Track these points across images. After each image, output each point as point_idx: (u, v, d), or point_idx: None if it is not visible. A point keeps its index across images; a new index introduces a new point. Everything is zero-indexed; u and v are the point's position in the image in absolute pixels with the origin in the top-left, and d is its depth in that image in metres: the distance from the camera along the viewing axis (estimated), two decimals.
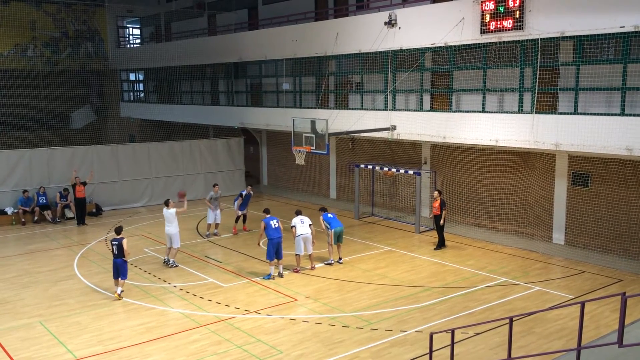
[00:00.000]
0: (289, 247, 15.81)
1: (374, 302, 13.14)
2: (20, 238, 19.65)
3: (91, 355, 10.64)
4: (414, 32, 18.54)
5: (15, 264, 16.56)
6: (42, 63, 34.35)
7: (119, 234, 13.69)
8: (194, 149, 25.95)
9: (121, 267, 13.42)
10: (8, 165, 21.70)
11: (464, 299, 13.23)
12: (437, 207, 17.25)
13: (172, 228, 15.73)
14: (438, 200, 17.30)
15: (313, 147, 18.54)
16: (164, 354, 10.65)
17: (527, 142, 16.04)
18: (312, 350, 10.72)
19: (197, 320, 12.16)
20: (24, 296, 13.86)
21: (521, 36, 15.75)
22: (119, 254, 13.37)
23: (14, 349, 10.93)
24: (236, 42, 26.43)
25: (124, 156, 24.15)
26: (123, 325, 11.98)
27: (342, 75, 22.10)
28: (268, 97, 25.64)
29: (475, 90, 17.57)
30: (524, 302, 13.00)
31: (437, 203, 17.26)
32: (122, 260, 13.41)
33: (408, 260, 16.33)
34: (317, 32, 22.27)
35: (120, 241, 13.40)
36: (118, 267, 13.41)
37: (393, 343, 10.97)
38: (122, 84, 37.73)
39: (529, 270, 15.27)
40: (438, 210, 17.20)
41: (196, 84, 30.75)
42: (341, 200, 24.53)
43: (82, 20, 35.93)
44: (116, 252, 13.40)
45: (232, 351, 10.73)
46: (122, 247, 13.35)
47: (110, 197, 23.66)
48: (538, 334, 11.26)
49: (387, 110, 19.83)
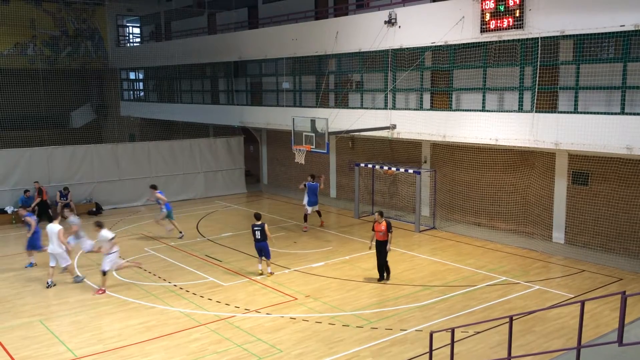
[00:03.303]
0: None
1: (374, 301, 13.16)
2: (20, 237, 19.61)
3: (91, 354, 10.65)
4: (414, 31, 18.54)
5: (16, 262, 16.56)
6: (42, 62, 34.38)
7: (259, 219, 14.95)
8: (194, 148, 25.95)
9: (265, 249, 14.86)
10: (8, 164, 21.70)
11: (464, 298, 13.24)
12: (384, 230, 14.13)
13: (55, 247, 14.35)
14: (383, 222, 14.18)
15: (313, 146, 18.54)
16: (164, 353, 10.66)
17: (527, 141, 16.04)
18: (312, 349, 10.73)
19: (197, 319, 12.17)
20: (24, 295, 13.87)
21: (521, 35, 15.75)
22: (262, 237, 14.78)
23: (15, 347, 10.94)
24: (236, 41, 26.42)
25: (124, 155, 24.16)
26: (123, 324, 11.99)
27: (342, 74, 22.11)
28: (268, 96, 25.64)
29: (475, 89, 17.57)
30: (523, 301, 13.01)
31: (383, 226, 14.14)
32: (266, 242, 14.84)
33: (408, 259, 16.34)
34: (317, 31, 22.26)
35: (262, 226, 14.77)
36: (262, 249, 14.86)
37: (393, 342, 10.98)
38: (122, 82, 37.73)
39: (528, 269, 15.28)
40: (385, 235, 14.12)
41: (196, 82, 30.75)
42: (341, 199, 24.54)
43: (82, 19, 35.94)
44: (259, 236, 14.79)
45: (232, 350, 10.74)
46: (264, 232, 14.75)
47: (110, 196, 23.66)
48: (538, 333, 11.27)
49: (387, 109, 19.84)
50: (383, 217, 14.25)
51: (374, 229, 14.26)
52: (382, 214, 14.36)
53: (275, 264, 15.88)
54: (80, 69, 35.75)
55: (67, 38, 35.34)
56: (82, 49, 35.94)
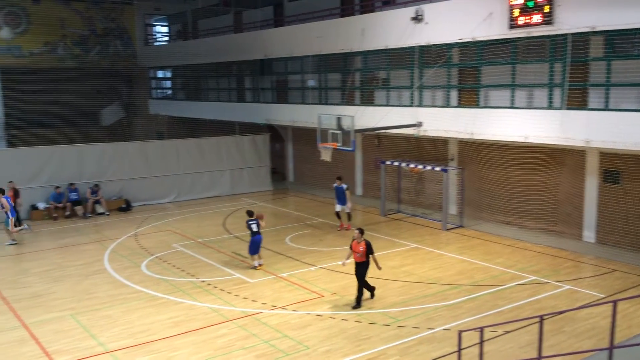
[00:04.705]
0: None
1: (400, 300, 13.11)
2: (52, 233, 20.06)
3: (122, 348, 10.83)
4: (441, 27, 18.38)
5: (48, 257, 16.92)
6: (72, 61, 34.97)
7: (252, 215, 15.47)
8: (220, 145, 26.15)
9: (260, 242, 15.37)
10: (40, 162, 22.14)
11: (492, 297, 13.10)
12: (362, 252, 12.58)
13: None
14: (362, 243, 12.62)
15: (339, 144, 18.53)
16: (192, 348, 10.78)
17: (556, 138, 15.79)
18: (339, 347, 10.74)
19: (224, 315, 12.28)
20: (56, 289, 14.15)
21: (551, 31, 15.50)
22: (258, 229, 15.27)
23: (47, 341, 11.18)
24: (262, 39, 26.53)
25: (153, 153, 24.46)
26: (153, 319, 12.15)
27: (367, 72, 22.04)
28: (294, 94, 25.69)
29: (504, 85, 17.36)
30: (553, 301, 12.83)
31: (362, 247, 12.60)
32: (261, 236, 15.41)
33: (435, 258, 16.23)
34: (342, 28, 22.22)
35: (257, 221, 15.31)
36: (259, 242, 15.28)
37: (421, 340, 10.93)
38: (150, 81, 38.19)
39: (559, 269, 15.05)
40: (363, 256, 12.59)
41: (222, 81, 30.97)
42: (367, 197, 24.49)
43: (111, 18, 36.45)
44: (256, 229, 15.22)
45: (259, 346, 10.81)
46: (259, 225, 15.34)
47: (140, 192, 23.98)
48: (568, 333, 11.10)
49: (414, 107, 19.72)
50: (363, 237, 12.64)
51: (351, 248, 12.77)
52: (362, 232, 12.70)
53: (301, 261, 15.95)
54: (110, 67, 36.29)
55: (96, 37, 35.88)
56: (111, 48, 36.46)
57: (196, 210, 23.15)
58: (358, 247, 12.56)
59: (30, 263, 16.40)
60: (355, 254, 12.62)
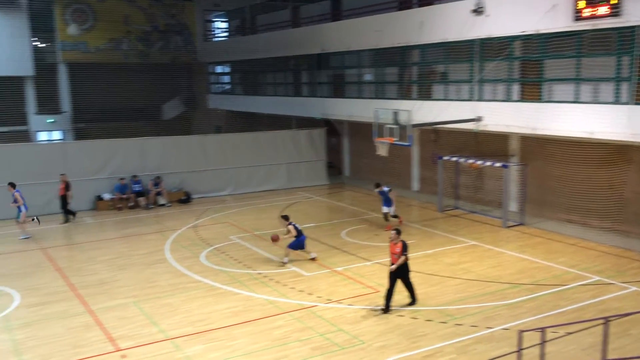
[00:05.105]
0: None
1: (458, 297, 12.92)
2: (116, 222, 20.81)
3: (182, 336, 11.13)
4: (503, 20, 17.91)
5: (113, 246, 17.57)
6: (135, 56, 36.08)
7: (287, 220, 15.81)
8: (277, 139, 26.41)
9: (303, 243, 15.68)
10: (105, 154, 22.98)
11: (554, 297, 12.73)
12: (399, 252, 12.07)
13: None
14: (399, 243, 12.11)
15: (396, 139, 18.38)
16: (249, 338, 10.97)
17: (623, 134, 15.14)
18: (395, 342, 10.69)
19: (280, 307, 12.43)
20: (120, 277, 14.68)
21: (618, 23, 14.84)
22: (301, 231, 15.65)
23: (112, 327, 11.62)
24: (319, 34, 26.59)
25: (211, 146, 24.97)
26: (211, 309, 12.44)
27: (425, 66, 21.74)
28: (350, 88, 25.64)
29: (568, 79, 16.77)
30: (618, 303, 12.36)
31: (398, 247, 12.11)
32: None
33: (494, 256, 15.91)
34: (400, 21, 22.00)
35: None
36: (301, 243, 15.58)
37: (479, 339, 10.75)
38: (210, 76, 38.94)
39: (624, 270, 14.47)
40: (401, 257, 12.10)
41: (279, 75, 31.23)
42: (424, 193, 24.21)
43: (172, 14, 37.37)
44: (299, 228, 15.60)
45: (314, 339, 10.89)
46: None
47: (199, 185, 24.54)
48: (634, 337, 10.68)
49: (473, 101, 19.33)
50: (400, 237, 12.14)
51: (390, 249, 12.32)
52: (399, 232, 12.22)
53: (356, 255, 15.97)
54: (171, 63, 37.23)
55: (158, 33, 36.86)
56: (172, 43, 37.39)
57: (253, 203, 23.50)
58: (395, 248, 12.19)
59: (96, 251, 17.06)
60: (393, 255, 12.24)
